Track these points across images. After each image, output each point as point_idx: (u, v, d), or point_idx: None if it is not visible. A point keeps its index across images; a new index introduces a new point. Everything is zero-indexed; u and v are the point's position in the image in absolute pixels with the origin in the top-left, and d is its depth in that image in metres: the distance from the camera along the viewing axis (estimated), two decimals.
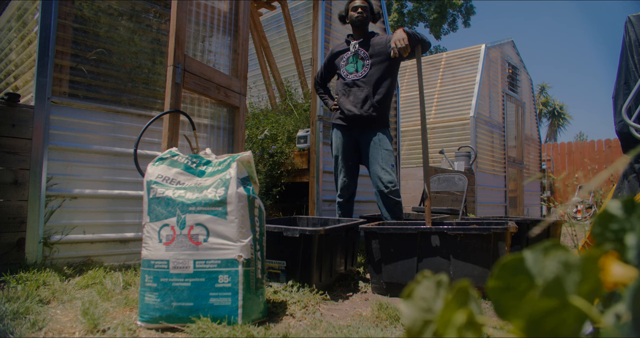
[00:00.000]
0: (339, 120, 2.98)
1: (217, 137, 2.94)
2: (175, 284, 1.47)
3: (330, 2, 4.16)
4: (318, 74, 3.25)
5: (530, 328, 0.34)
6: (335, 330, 1.49)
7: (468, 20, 20.95)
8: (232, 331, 1.37)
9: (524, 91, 9.08)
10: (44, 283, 1.92)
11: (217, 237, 1.51)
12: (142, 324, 1.48)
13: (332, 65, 3.14)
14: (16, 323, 1.40)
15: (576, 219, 8.23)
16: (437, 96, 7.95)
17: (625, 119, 2.08)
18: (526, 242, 2.92)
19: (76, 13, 2.46)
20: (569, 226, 2.18)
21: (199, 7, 2.75)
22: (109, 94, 2.59)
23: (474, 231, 2.02)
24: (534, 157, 9.53)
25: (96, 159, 2.51)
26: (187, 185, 1.62)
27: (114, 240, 2.54)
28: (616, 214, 0.41)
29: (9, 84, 2.85)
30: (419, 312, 0.38)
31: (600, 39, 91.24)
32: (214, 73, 2.64)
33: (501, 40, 8.32)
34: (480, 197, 7.02)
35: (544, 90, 30.79)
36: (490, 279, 0.36)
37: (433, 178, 4.48)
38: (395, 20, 19.84)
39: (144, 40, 2.74)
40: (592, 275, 0.34)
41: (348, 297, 2.13)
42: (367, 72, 2.91)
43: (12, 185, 2.19)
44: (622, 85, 2.25)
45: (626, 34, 2.27)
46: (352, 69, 2.98)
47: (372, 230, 2.24)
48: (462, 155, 6.75)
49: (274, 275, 2.11)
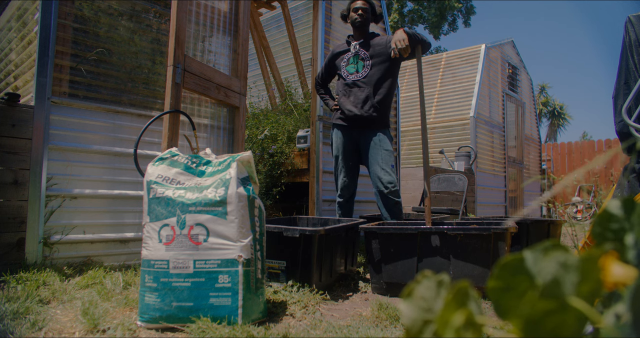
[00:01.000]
0: (339, 120, 2.98)
1: (217, 137, 2.94)
2: (175, 284, 1.47)
3: (331, 2, 4.16)
4: (319, 74, 3.25)
5: (530, 329, 0.34)
6: (335, 330, 1.49)
7: (468, 20, 20.96)
8: (232, 331, 1.37)
9: (524, 91, 9.08)
10: (44, 283, 1.92)
11: (217, 237, 1.51)
12: (142, 324, 1.48)
13: (332, 66, 3.13)
14: (16, 323, 1.40)
15: (576, 219, 8.23)
16: (437, 96, 7.95)
17: (625, 119, 2.08)
18: (526, 242, 2.92)
19: (76, 13, 2.46)
20: (569, 226, 2.18)
21: (199, 7, 2.75)
22: (109, 94, 2.59)
23: (474, 231, 2.02)
24: (534, 157, 9.53)
25: (96, 159, 2.51)
26: (187, 185, 1.62)
27: (114, 240, 2.54)
28: (616, 214, 0.41)
29: (9, 84, 2.85)
30: (419, 311, 0.38)
31: (600, 39, 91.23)
32: (214, 73, 2.64)
33: (501, 40, 8.32)
34: (480, 197, 7.02)
35: (544, 90, 30.79)
36: (490, 279, 0.36)
37: (433, 178, 4.48)
38: (395, 20, 19.85)
39: (144, 40, 2.74)
40: (591, 275, 0.34)
41: (348, 297, 2.13)
42: (368, 72, 2.91)
43: (12, 185, 2.19)
44: (622, 85, 2.25)
45: (626, 34, 2.27)
46: (352, 70, 2.97)
47: (372, 230, 2.24)
48: (462, 155, 6.75)
49: (274, 275, 2.11)
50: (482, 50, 7.60)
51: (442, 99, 7.86)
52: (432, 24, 20.18)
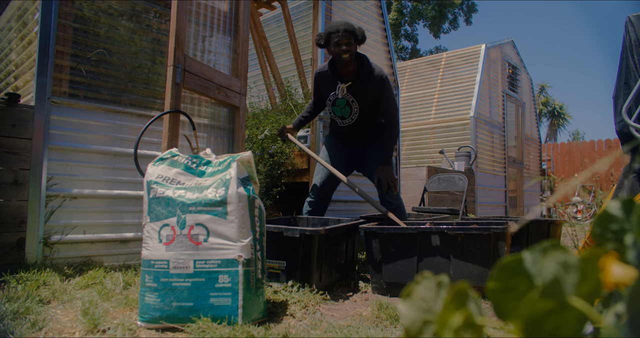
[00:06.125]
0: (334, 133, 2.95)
1: (217, 137, 2.94)
2: (175, 284, 1.48)
3: (330, 2, 4.16)
4: (310, 102, 2.97)
5: (530, 329, 0.34)
6: (335, 330, 1.49)
7: (470, 18, 20.94)
8: (232, 331, 1.37)
9: (524, 91, 9.08)
10: (44, 283, 1.92)
11: (217, 237, 1.51)
12: (142, 324, 1.48)
13: (319, 92, 2.83)
14: (16, 323, 1.40)
15: (576, 219, 8.23)
16: (437, 96, 7.95)
17: (626, 119, 2.08)
18: (526, 242, 2.92)
19: (76, 13, 2.46)
20: (569, 226, 2.18)
21: (199, 7, 2.75)
22: (109, 94, 2.59)
23: (474, 231, 2.02)
24: (534, 157, 9.53)
25: (96, 159, 2.51)
26: (187, 185, 1.62)
27: (114, 240, 2.54)
28: (616, 214, 0.41)
29: (9, 84, 2.85)
30: (419, 312, 0.38)
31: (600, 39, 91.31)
32: (214, 73, 2.64)
33: (501, 40, 8.32)
34: (480, 197, 7.02)
35: (544, 90, 30.79)
36: (489, 280, 0.36)
37: (433, 179, 4.48)
38: (394, 18, 19.84)
39: (144, 40, 2.74)
40: (591, 276, 0.34)
41: (348, 297, 2.13)
42: (357, 117, 2.68)
43: (12, 185, 2.19)
44: (622, 85, 2.25)
45: (626, 34, 2.27)
46: (339, 113, 2.72)
47: (372, 230, 2.24)
48: (462, 155, 6.75)
49: (274, 275, 2.11)
50: (482, 50, 7.60)
51: (442, 99, 7.86)
52: (431, 21, 20.18)
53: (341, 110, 2.71)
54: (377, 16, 4.89)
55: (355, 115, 2.68)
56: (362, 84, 2.58)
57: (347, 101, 2.64)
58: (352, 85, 2.59)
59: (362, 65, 2.57)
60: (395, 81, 4.93)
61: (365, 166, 2.86)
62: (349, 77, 2.59)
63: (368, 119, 2.75)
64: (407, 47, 22.05)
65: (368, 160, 2.84)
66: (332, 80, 2.64)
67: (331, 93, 2.68)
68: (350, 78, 2.58)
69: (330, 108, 2.74)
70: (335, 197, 3.35)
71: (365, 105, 2.65)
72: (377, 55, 4.70)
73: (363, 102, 2.63)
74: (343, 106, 2.68)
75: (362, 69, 2.56)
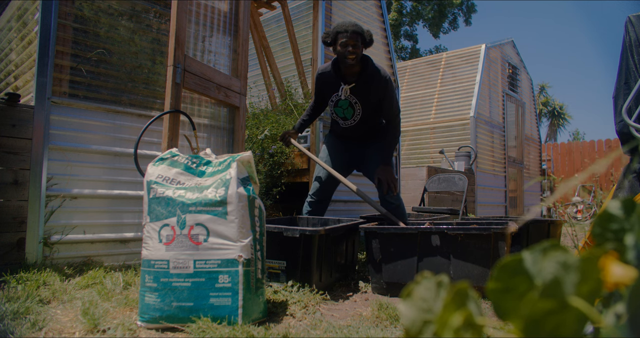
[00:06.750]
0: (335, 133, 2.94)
1: (217, 137, 2.94)
2: (175, 284, 1.48)
3: (331, 2, 4.16)
4: (311, 104, 2.93)
5: (530, 329, 0.34)
6: (335, 330, 1.49)
7: (469, 19, 20.96)
8: (232, 331, 1.37)
9: (524, 91, 9.08)
10: (44, 283, 1.92)
11: (218, 237, 1.51)
12: (142, 324, 1.48)
13: (320, 93, 2.80)
14: (16, 323, 1.40)
15: (576, 219, 8.22)
16: (437, 96, 7.95)
17: (626, 119, 2.08)
18: (526, 242, 2.92)
19: (76, 13, 2.46)
20: (569, 226, 2.18)
21: (199, 7, 2.75)
22: (109, 94, 2.59)
23: (474, 231, 2.02)
24: (534, 157, 9.53)
25: (96, 159, 2.51)
26: (187, 185, 1.62)
27: (114, 240, 2.54)
28: (616, 214, 0.41)
29: (9, 84, 2.85)
30: (419, 312, 0.38)
31: (600, 39, 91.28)
32: (214, 73, 2.64)
33: (501, 40, 8.33)
34: (480, 197, 7.02)
35: (544, 90, 30.80)
36: (489, 280, 0.36)
37: (433, 179, 4.48)
38: (394, 18, 19.85)
39: (144, 40, 2.74)
40: (591, 276, 0.34)
41: (348, 297, 2.13)
42: (359, 118, 2.67)
43: (12, 185, 2.19)
44: (622, 85, 2.25)
45: (626, 34, 2.27)
46: (341, 114, 2.70)
47: (372, 230, 2.24)
48: (462, 155, 6.75)
49: (274, 275, 2.11)
50: (482, 50, 7.60)
51: (442, 99, 7.86)
52: (431, 21, 20.19)
53: (344, 111, 2.69)
54: (377, 16, 4.89)
55: (357, 116, 2.67)
56: (366, 85, 2.55)
57: (350, 103, 2.62)
58: (356, 86, 2.56)
59: (366, 66, 2.55)
60: (395, 81, 4.93)
61: (366, 166, 2.86)
62: (353, 79, 2.56)
63: (370, 120, 2.75)
64: (407, 47, 22.08)
65: (368, 160, 2.84)
66: (335, 81, 2.61)
67: (334, 94, 2.66)
68: (354, 79, 2.56)
69: (333, 109, 2.72)
70: (335, 197, 3.35)
71: (368, 107, 2.64)
72: (377, 55, 4.70)
73: (366, 104, 2.62)
74: (346, 107, 2.66)
75: (366, 70, 2.54)
